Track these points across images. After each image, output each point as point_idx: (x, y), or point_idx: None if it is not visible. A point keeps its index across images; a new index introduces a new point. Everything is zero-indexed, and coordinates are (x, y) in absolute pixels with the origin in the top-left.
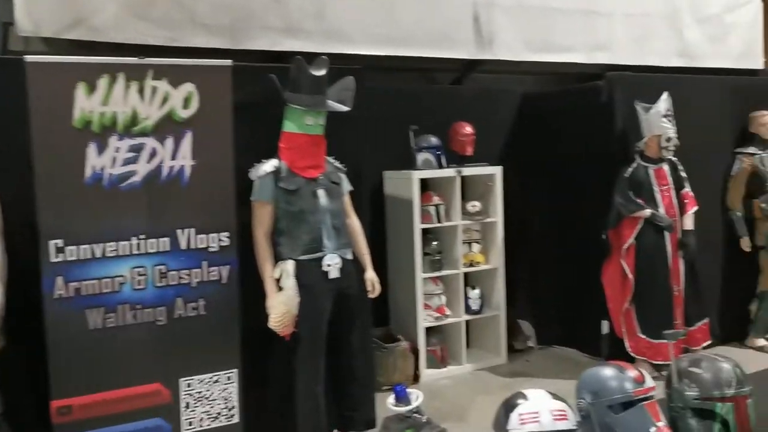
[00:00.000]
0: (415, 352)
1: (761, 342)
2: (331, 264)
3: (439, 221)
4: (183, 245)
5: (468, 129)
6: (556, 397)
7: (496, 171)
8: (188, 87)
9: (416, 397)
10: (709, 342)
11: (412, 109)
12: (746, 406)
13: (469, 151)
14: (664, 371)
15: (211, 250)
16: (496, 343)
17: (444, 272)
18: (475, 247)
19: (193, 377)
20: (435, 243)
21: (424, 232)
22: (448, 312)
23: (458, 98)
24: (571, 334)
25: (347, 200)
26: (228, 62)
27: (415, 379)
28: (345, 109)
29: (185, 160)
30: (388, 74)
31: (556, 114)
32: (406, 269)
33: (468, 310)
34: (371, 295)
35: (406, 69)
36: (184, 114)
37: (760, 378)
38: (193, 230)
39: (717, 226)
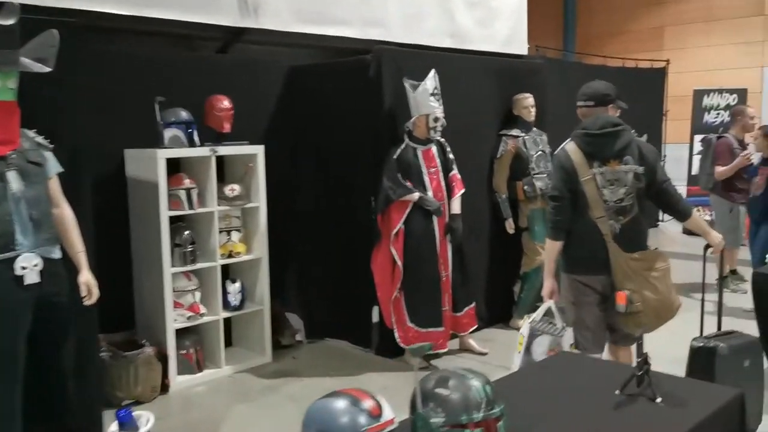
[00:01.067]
0: (163, 358)
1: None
2: (27, 266)
3: (191, 207)
4: None
5: (225, 103)
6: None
7: (258, 150)
8: None
9: (146, 420)
10: (475, 327)
11: (164, 79)
12: (497, 430)
13: (227, 127)
14: (433, 361)
15: None
16: (260, 340)
17: (198, 265)
18: (235, 235)
19: None
20: (187, 233)
21: (174, 220)
22: (203, 310)
23: (219, 69)
24: (342, 325)
25: (54, 185)
26: None
27: (164, 389)
28: (44, 69)
29: None
30: (140, 38)
31: (324, 89)
32: (153, 263)
33: (227, 306)
34: (87, 302)
35: (163, 34)
36: None
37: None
38: None
39: (484, 209)
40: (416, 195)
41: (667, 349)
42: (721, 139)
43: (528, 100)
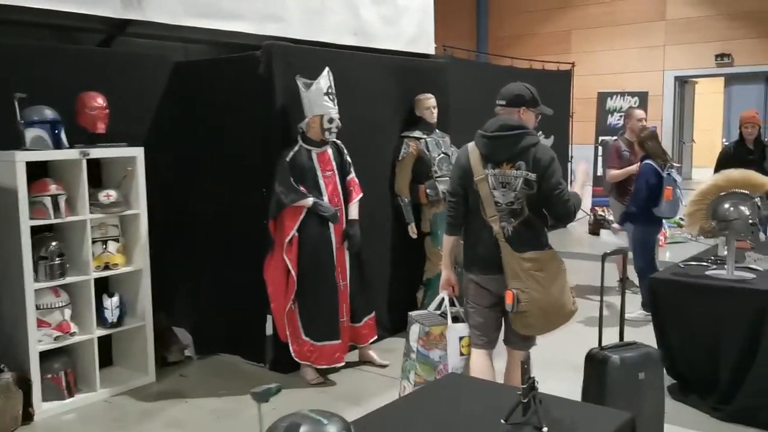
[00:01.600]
0: (25, 383)
1: None
2: None
3: (58, 216)
4: None
5: (99, 101)
6: None
7: (137, 153)
8: None
9: None
10: (375, 338)
11: (30, 74)
12: None
13: (101, 127)
14: (330, 375)
15: None
16: (143, 358)
17: (68, 279)
18: (112, 245)
19: None
20: (54, 244)
21: (39, 230)
22: (73, 328)
23: (96, 64)
24: (235, 339)
25: None
26: None
27: (28, 418)
28: None
29: None
30: (6, 28)
31: (213, 87)
32: (13, 279)
33: (103, 323)
34: None
35: (35, 24)
36: None
37: None
38: None
39: (385, 213)
40: (310, 200)
41: (571, 355)
42: (614, 142)
43: (430, 100)
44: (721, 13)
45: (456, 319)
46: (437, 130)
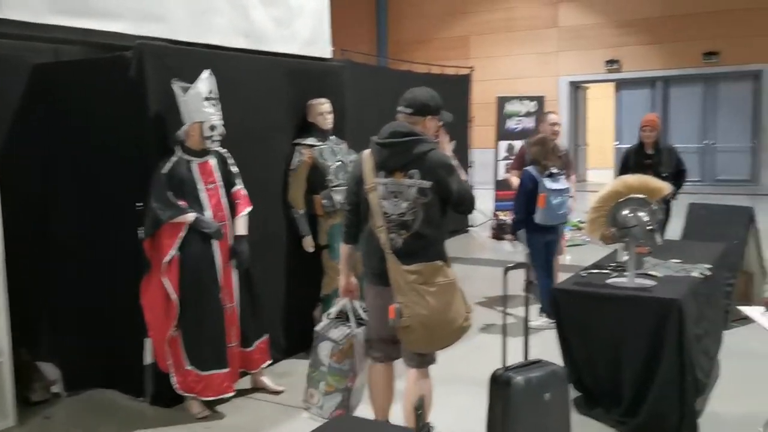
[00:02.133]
0: None
1: None
2: None
3: None
4: None
5: None
6: None
7: None
8: None
9: None
10: (269, 362)
11: None
12: None
13: None
14: (219, 407)
15: None
16: (0, 399)
17: None
18: None
19: None
20: None
21: None
22: None
23: None
24: (109, 371)
25: None
26: None
27: None
28: None
29: None
30: None
31: (79, 91)
32: None
33: None
34: None
35: None
36: None
37: None
38: None
39: (279, 226)
40: (191, 216)
41: (477, 370)
42: (521, 147)
43: (324, 105)
44: (610, 21)
45: (360, 323)
46: (333, 137)
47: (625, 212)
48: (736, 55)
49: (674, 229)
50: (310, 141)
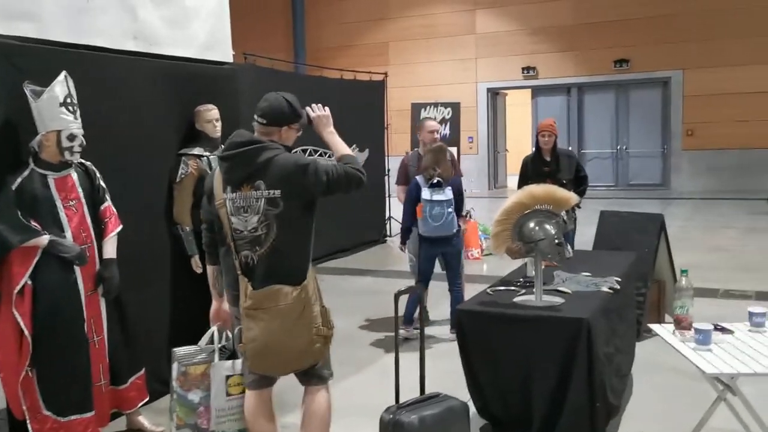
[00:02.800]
0: None
1: None
2: None
3: None
4: None
5: None
6: None
7: None
8: None
9: None
10: (146, 399)
11: None
12: None
13: None
14: None
15: None
16: None
17: None
18: None
19: None
20: None
21: None
22: None
23: None
24: None
25: None
26: None
27: None
28: None
29: None
30: None
31: None
32: None
33: None
34: None
35: None
36: None
37: None
38: None
39: (162, 245)
40: (45, 239)
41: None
42: (404, 157)
43: (212, 112)
44: (526, 28)
45: (231, 355)
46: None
47: (531, 225)
48: (645, 62)
49: (586, 238)
50: (197, 151)
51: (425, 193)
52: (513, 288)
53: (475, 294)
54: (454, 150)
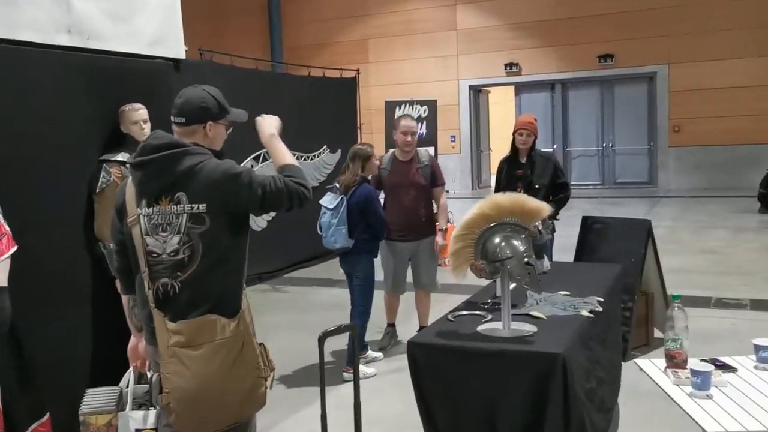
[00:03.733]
0: None
1: None
2: None
3: None
4: None
5: None
6: None
7: None
8: None
9: None
10: None
11: None
12: None
13: None
14: None
15: None
16: None
17: None
18: None
19: None
20: None
21: None
22: None
23: None
24: None
25: None
26: None
27: None
28: None
29: None
30: None
31: None
32: None
33: None
34: None
35: None
36: None
37: None
38: None
39: (79, 267)
40: None
41: None
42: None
43: (139, 112)
44: (507, 24)
45: (145, 402)
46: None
47: (497, 241)
48: (630, 57)
49: (571, 241)
50: (121, 156)
51: (324, 197)
52: (478, 313)
53: (440, 316)
54: (431, 150)
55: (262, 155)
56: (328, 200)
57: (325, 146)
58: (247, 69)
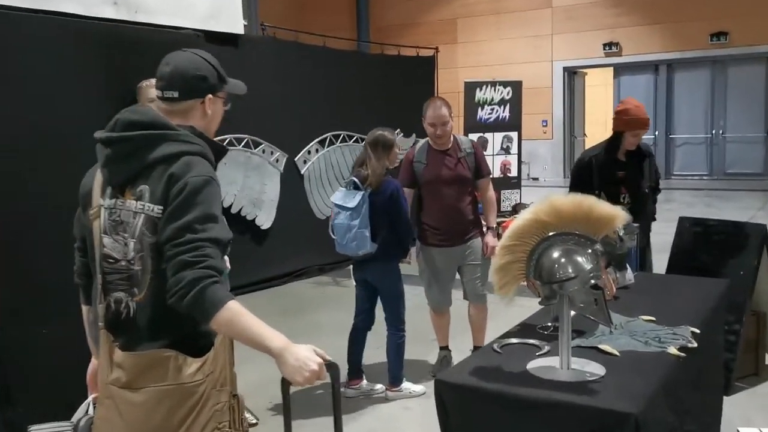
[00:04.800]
0: None
1: None
2: None
3: None
4: None
5: None
6: None
7: None
8: None
9: None
10: None
11: None
12: None
13: None
14: None
15: None
16: None
17: None
18: None
19: None
20: None
21: None
22: None
23: None
24: None
25: None
26: None
27: None
28: None
29: None
30: None
31: None
32: None
33: None
34: None
35: None
36: None
37: None
38: None
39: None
40: None
41: None
42: (410, 149)
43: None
44: (607, 0)
45: None
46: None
47: (555, 256)
48: (746, 35)
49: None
50: None
51: (335, 194)
52: (533, 342)
53: (488, 342)
54: (514, 135)
55: (329, 138)
56: (343, 197)
57: (398, 130)
58: (314, 46)
